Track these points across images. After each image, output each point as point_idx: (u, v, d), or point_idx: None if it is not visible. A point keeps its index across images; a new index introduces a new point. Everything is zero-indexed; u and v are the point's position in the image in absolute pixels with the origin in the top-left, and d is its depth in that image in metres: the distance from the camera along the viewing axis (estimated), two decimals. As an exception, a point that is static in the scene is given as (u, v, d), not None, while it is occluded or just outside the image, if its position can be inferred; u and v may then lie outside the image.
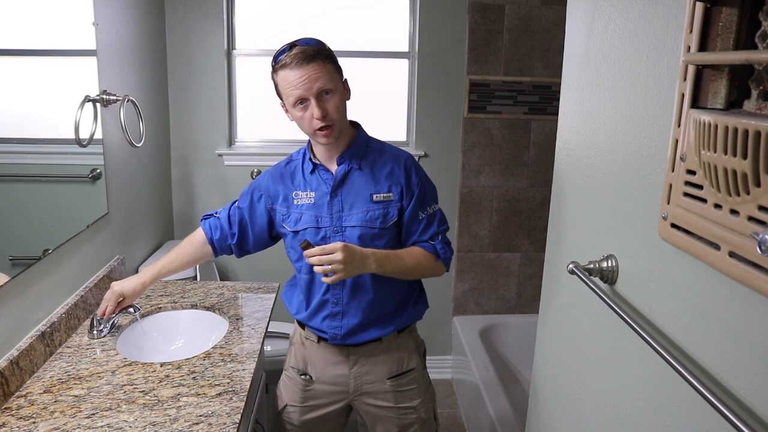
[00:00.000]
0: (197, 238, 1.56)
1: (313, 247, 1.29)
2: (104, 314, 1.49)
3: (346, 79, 1.40)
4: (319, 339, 1.49)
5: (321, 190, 1.42)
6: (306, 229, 1.41)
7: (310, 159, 1.44)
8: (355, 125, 1.47)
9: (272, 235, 1.53)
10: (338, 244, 1.27)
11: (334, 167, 1.42)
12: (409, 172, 1.43)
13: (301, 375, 1.53)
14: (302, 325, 1.53)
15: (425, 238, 1.45)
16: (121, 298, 1.50)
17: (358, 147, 1.42)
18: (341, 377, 1.50)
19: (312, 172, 1.44)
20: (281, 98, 1.36)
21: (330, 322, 1.45)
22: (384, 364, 1.49)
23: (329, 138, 1.34)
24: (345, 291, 1.43)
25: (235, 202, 1.55)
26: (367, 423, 1.59)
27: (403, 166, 1.43)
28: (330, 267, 1.27)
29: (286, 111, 1.37)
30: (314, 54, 1.29)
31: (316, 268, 1.29)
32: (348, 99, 1.40)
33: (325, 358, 1.50)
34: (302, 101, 1.30)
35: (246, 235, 1.53)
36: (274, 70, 1.32)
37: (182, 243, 1.58)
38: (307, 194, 1.43)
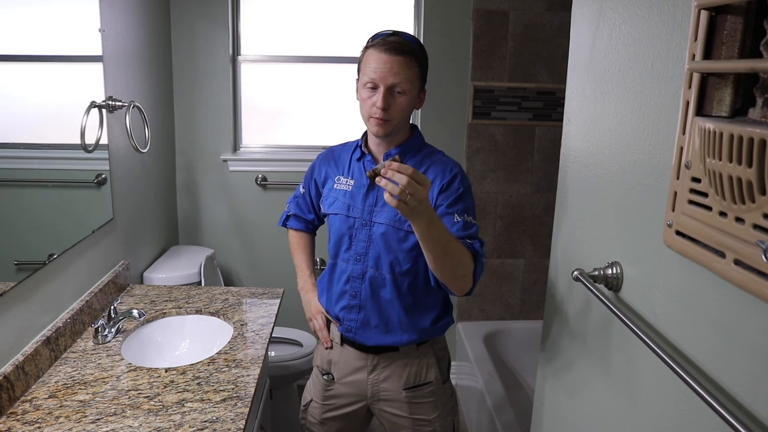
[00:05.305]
0: (299, 236, 1.67)
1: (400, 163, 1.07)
2: (326, 340, 1.55)
3: (425, 90, 1.40)
4: (342, 341, 1.51)
5: (360, 180, 1.44)
6: (336, 214, 1.44)
7: (360, 147, 1.46)
8: (413, 127, 1.47)
9: None
10: (428, 181, 1.09)
11: (380, 161, 1.43)
12: (453, 179, 1.37)
13: (323, 374, 1.56)
14: (327, 321, 1.55)
15: (463, 235, 1.31)
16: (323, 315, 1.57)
17: (408, 147, 1.43)
18: (359, 381, 1.51)
19: (358, 159, 1.46)
20: (359, 75, 1.37)
21: (346, 314, 1.47)
22: (401, 374, 1.49)
23: (380, 129, 1.34)
24: (364, 285, 1.43)
25: (294, 197, 1.65)
26: (386, 429, 1.60)
27: (449, 173, 1.38)
28: (406, 192, 1.05)
29: (357, 90, 1.38)
30: (407, 50, 1.30)
31: (387, 185, 1.06)
32: (418, 108, 1.40)
33: (346, 360, 1.52)
34: (373, 86, 1.31)
35: (318, 211, 1.60)
36: (366, 47, 1.34)
37: (297, 245, 1.67)
38: (347, 181, 1.46)
